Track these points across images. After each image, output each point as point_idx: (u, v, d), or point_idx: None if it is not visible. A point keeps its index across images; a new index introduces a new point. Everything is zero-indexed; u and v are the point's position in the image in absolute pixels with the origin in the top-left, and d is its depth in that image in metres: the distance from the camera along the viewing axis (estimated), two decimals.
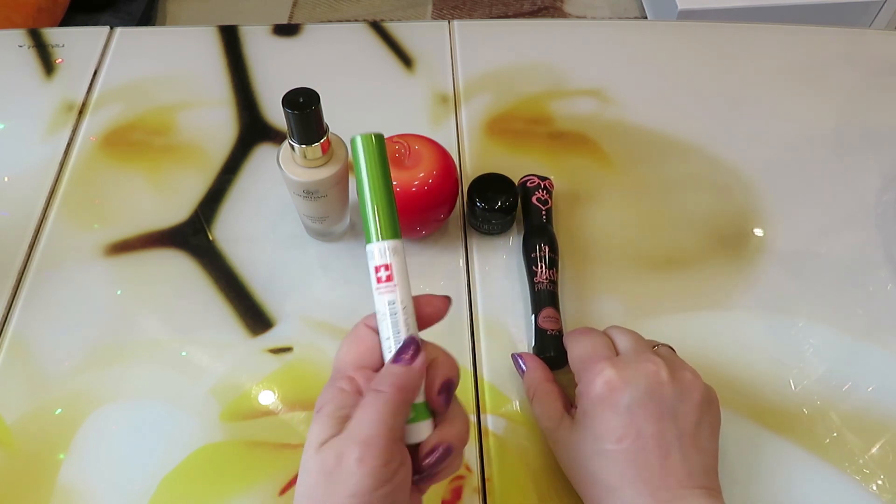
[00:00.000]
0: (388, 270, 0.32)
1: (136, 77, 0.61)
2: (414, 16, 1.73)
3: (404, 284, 0.32)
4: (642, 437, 0.34)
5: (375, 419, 0.29)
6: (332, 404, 0.30)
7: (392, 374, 0.31)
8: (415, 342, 0.32)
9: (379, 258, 0.32)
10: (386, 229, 0.32)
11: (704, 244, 0.51)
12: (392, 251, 0.32)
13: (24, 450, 0.42)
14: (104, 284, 0.49)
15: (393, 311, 0.32)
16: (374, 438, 0.28)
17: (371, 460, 0.28)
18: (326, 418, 0.30)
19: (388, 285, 0.32)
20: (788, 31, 0.65)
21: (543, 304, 0.45)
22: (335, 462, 0.28)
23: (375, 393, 0.30)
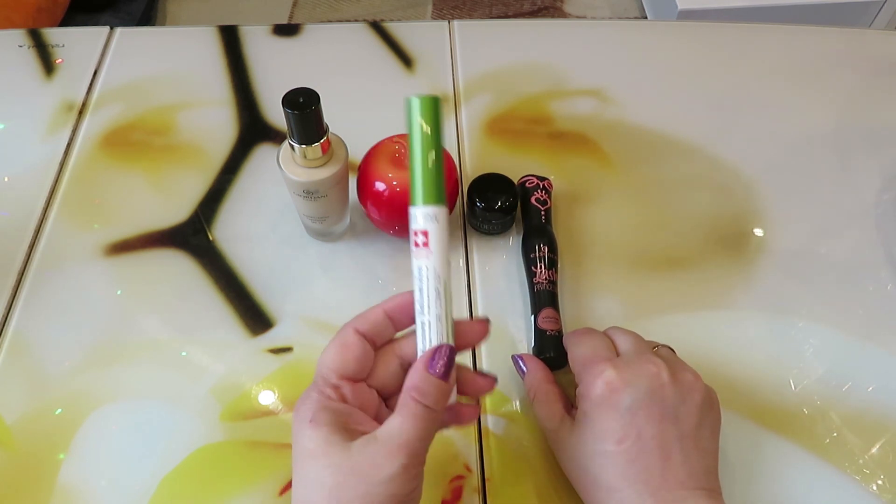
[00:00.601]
0: (426, 237, 0.32)
1: (136, 77, 0.61)
2: (414, 16, 1.73)
3: (441, 254, 0.32)
4: (643, 439, 0.34)
5: (420, 430, 0.30)
6: (327, 413, 0.31)
7: (440, 390, 0.31)
8: (453, 356, 0.32)
9: (419, 222, 0.32)
10: (430, 194, 0.32)
11: (704, 244, 0.51)
12: (433, 217, 0.32)
13: (24, 450, 0.42)
14: (104, 284, 0.49)
15: (425, 277, 0.32)
16: (417, 447, 0.30)
17: (413, 467, 0.30)
18: (327, 427, 0.30)
19: (424, 251, 0.32)
20: (788, 31, 0.65)
21: (543, 304, 0.45)
22: (373, 466, 0.29)
23: (424, 408, 0.30)
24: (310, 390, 0.32)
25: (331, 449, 0.30)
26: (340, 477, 0.29)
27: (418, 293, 0.32)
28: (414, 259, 0.32)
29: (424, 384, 0.31)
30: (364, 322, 0.33)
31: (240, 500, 0.40)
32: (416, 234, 0.32)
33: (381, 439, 0.30)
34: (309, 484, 0.30)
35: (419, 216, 0.32)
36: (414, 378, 0.31)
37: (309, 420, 0.30)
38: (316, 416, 0.30)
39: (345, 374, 0.32)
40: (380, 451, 0.29)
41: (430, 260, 0.32)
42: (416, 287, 0.32)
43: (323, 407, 0.31)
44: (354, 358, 0.32)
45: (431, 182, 0.32)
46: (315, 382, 0.32)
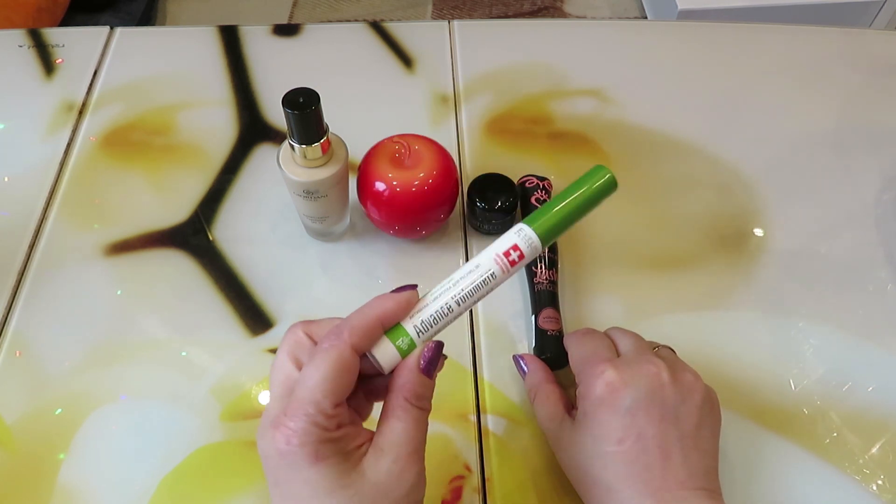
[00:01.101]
0: (519, 261, 0.32)
1: (136, 77, 0.61)
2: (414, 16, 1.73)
3: (504, 281, 0.32)
4: (643, 439, 0.34)
5: (422, 432, 0.30)
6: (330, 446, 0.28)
7: (432, 389, 0.31)
8: (440, 353, 0.32)
9: (524, 245, 0.32)
10: (549, 232, 0.33)
11: (704, 244, 0.51)
12: (534, 249, 0.33)
13: (24, 450, 0.42)
14: (104, 284, 0.49)
15: (481, 282, 0.32)
16: (423, 449, 0.30)
17: (424, 470, 0.30)
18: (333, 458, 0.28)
19: (506, 265, 0.32)
20: (788, 31, 0.65)
21: (543, 304, 0.45)
22: (396, 481, 0.29)
23: (420, 410, 0.30)
24: (297, 420, 0.28)
25: (347, 479, 0.28)
26: (367, 502, 0.28)
27: (457, 289, 0.32)
28: (492, 262, 0.32)
29: (420, 387, 0.30)
30: (363, 337, 0.30)
31: (240, 500, 0.40)
32: (514, 248, 0.32)
33: (390, 451, 0.29)
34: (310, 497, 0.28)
35: (530, 240, 0.32)
36: (405, 380, 0.30)
37: (314, 457, 0.28)
38: (319, 450, 0.28)
39: (342, 402, 0.29)
40: (396, 465, 0.29)
41: (502, 277, 0.32)
42: (462, 280, 0.32)
43: (324, 440, 0.28)
44: (351, 384, 0.29)
45: (557, 226, 0.33)
46: (304, 410, 0.28)
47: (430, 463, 0.41)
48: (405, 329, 0.31)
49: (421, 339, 0.31)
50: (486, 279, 0.32)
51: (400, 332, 0.31)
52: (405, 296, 0.31)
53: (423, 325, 0.31)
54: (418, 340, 0.31)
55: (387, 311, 0.31)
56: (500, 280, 0.32)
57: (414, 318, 0.31)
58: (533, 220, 0.33)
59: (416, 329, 0.31)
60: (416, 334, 0.31)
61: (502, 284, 0.33)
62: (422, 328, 0.31)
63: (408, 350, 0.31)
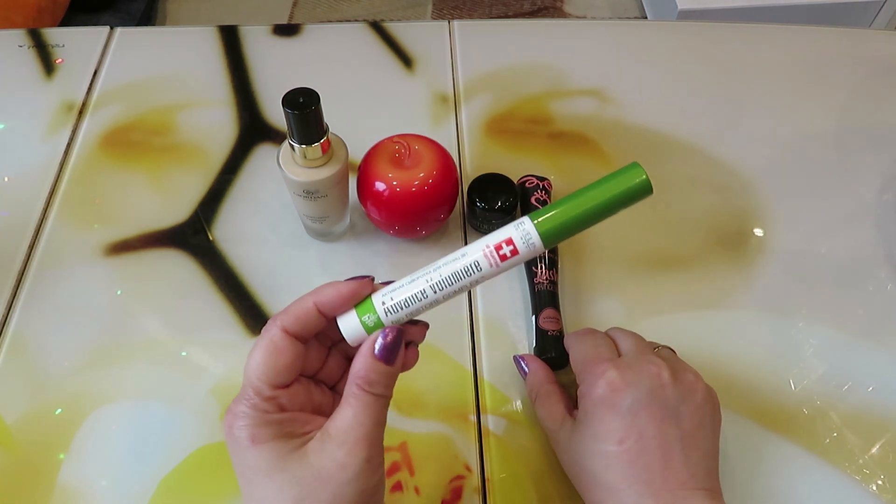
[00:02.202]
0: (512, 255, 0.29)
1: (136, 77, 0.61)
2: (414, 16, 1.73)
3: (495, 274, 0.30)
4: (644, 439, 0.34)
5: (373, 418, 0.29)
6: (269, 428, 0.28)
7: (388, 375, 0.30)
8: (399, 339, 0.30)
9: (519, 237, 0.29)
10: (553, 232, 0.29)
11: (704, 244, 0.51)
12: (531, 244, 0.29)
13: (24, 450, 0.42)
14: (104, 284, 0.49)
15: (466, 273, 0.29)
16: (374, 436, 0.29)
17: (375, 458, 0.29)
18: (273, 441, 0.28)
19: (497, 259, 0.29)
20: (788, 31, 0.65)
21: (544, 304, 0.45)
22: (339, 468, 0.28)
23: (373, 397, 0.29)
24: (241, 404, 0.29)
25: (285, 462, 0.28)
26: (303, 487, 0.28)
27: (437, 275, 0.30)
28: (480, 253, 0.29)
29: (372, 373, 0.29)
30: (294, 321, 0.30)
31: (239, 500, 0.40)
32: (508, 243, 0.29)
33: (337, 436, 0.28)
34: (269, 501, 0.28)
35: (528, 236, 0.29)
36: (360, 366, 0.30)
37: (250, 439, 0.28)
38: (256, 434, 0.28)
39: (278, 384, 0.29)
40: (340, 450, 0.28)
41: (489, 271, 0.29)
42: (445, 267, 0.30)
43: (262, 423, 0.28)
44: (287, 365, 0.29)
45: (565, 227, 0.29)
46: (245, 395, 0.29)
47: (429, 463, 0.41)
48: (374, 306, 0.30)
49: (389, 318, 0.30)
50: (468, 269, 0.30)
51: (368, 308, 0.30)
52: (350, 285, 0.30)
53: (393, 305, 0.30)
54: (386, 320, 0.30)
55: (323, 297, 0.30)
56: (486, 274, 0.30)
57: (385, 297, 0.30)
58: (539, 216, 0.30)
59: (384, 308, 0.30)
60: (383, 313, 0.30)
61: (500, 282, 0.32)
62: (391, 308, 0.30)
63: (374, 328, 0.30)
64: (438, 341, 0.46)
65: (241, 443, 0.28)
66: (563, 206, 0.29)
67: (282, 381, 0.30)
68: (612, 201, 0.29)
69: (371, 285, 0.31)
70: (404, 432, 0.42)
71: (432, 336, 0.34)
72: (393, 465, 0.41)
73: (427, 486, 0.41)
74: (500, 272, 0.30)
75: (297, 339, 0.30)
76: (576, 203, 0.29)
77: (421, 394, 0.44)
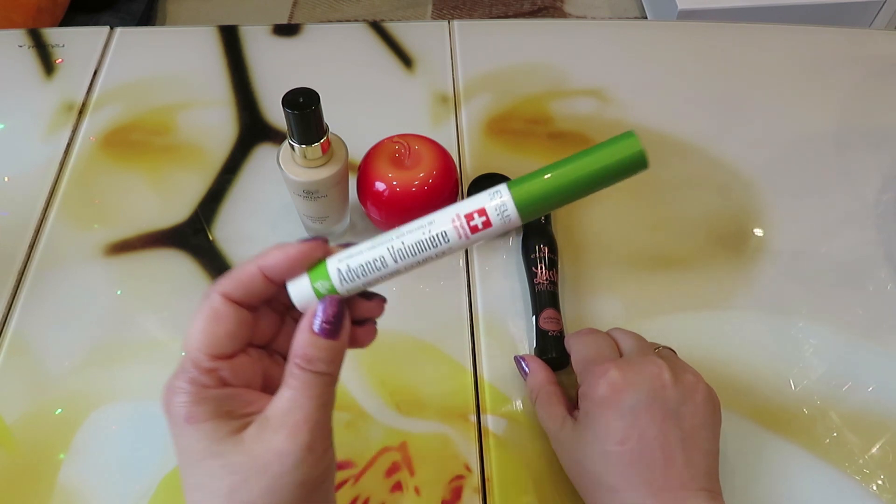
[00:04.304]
0: (484, 226, 0.26)
1: (136, 77, 0.61)
2: (414, 16, 1.73)
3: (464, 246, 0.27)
4: (645, 439, 0.34)
5: (316, 399, 0.26)
6: (206, 405, 0.26)
7: (331, 351, 0.27)
8: (342, 310, 0.27)
9: (493, 206, 0.26)
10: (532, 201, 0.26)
11: (704, 244, 0.51)
12: (504, 216, 0.26)
13: (24, 450, 0.42)
14: (104, 284, 0.49)
15: (432, 243, 0.26)
16: (318, 418, 0.26)
17: (320, 443, 0.26)
18: (209, 422, 0.25)
19: (466, 230, 0.26)
20: (789, 31, 0.65)
21: (544, 305, 0.45)
22: (276, 456, 0.25)
23: (314, 374, 0.26)
24: (179, 378, 0.26)
25: (220, 446, 0.25)
26: (236, 477, 0.25)
27: (399, 242, 0.27)
28: (448, 222, 0.26)
29: (311, 348, 0.26)
30: (236, 285, 0.27)
31: None
32: (481, 213, 0.26)
33: (274, 421, 0.25)
34: (204, 490, 0.26)
35: (504, 209, 0.26)
36: (298, 342, 0.27)
37: (185, 417, 0.26)
38: (192, 412, 0.26)
39: (219, 354, 0.27)
40: (277, 436, 0.25)
41: (457, 242, 0.26)
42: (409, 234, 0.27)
43: (198, 399, 0.26)
44: (228, 333, 0.27)
45: (547, 199, 0.26)
46: (184, 368, 0.26)
47: (430, 463, 0.41)
48: (328, 271, 0.27)
49: (344, 286, 0.27)
50: (434, 240, 0.26)
51: (321, 274, 0.27)
52: (299, 247, 0.27)
53: (349, 272, 0.27)
54: (340, 287, 0.27)
55: (269, 260, 0.27)
56: (454, 246, 0.27)
57: (341, 262, 0.27)
58: (517, 184, 0.26)
59: (339, 274, 0.27)
60: (338, 281, 0.27)
61: (501, 282, 0.31)
62: (346, 276, 0.27)
63: (326, 294, 0.27)
64: (438, 341, 0.46)
65: (177, 421, 0.26)
66: (547, 174, 0.26)
67: (223, 351, 0.27)
68: (601, 173, 0.26)
69: (324, 248, 0.28)
70: (404, 432, 0.42)
71: (432, 336, 0.34)
72: (393, 465, 0.41)
73: (427, 486, 0.41)
74: (469, 245, 0.27)
75: (241, 306, 0.27)
76: (561, 172, 0.26)
77: (421, 394, 0.44)
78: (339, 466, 0.41)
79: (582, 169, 0.26)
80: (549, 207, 0.27)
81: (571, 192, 0.26)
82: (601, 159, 0.26)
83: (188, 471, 0.26)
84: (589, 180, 0.26)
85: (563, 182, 0.26)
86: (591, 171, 0.26)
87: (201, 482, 0.26)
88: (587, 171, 0.26)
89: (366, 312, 0.29)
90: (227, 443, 0.25)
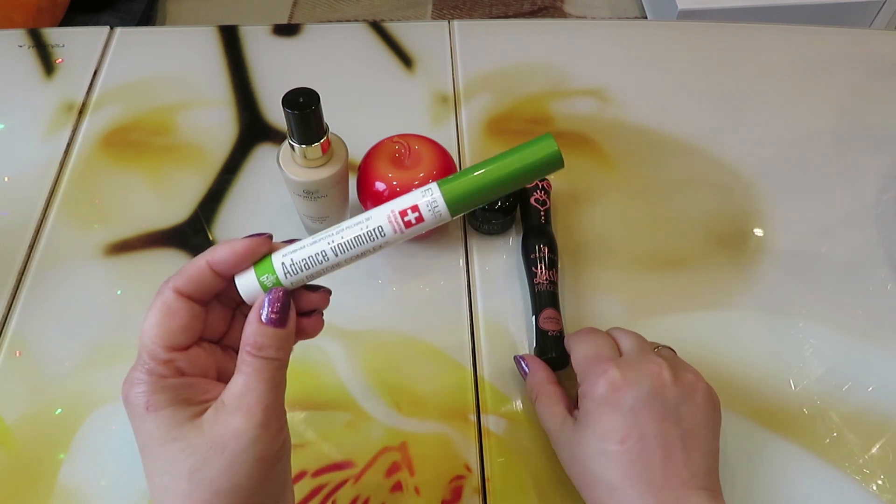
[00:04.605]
0: (416, 222, 0.29)
1: (136, 77, 0.61)
2: (414, 16, 1.73)
3: (393, 240, 0.29)
4: (645, 438, 0.34)
5: (267, 382, 0.28)
6: (164, 395, 0.27)
7: (278, 338, 0.28)
8: (287, 301, 0.29)
9: (424, 203, 0.28)
10: (460, 196, 0.28)
11: (704, 244, 0.51)
12: (435, 212, 0.28)
13: (24, 450, 0.42)
14: (104, 284, 0.49)
15: (368, 237, 0.28)
16: (270, 400, 0.28)
17: (273, 422, 0.28)
18: (168, 409, 0.27)
19: (400, 225, 0.29)
20: (789, 31, 0.65)
21: (544, 304, 0.45)
22: (233, 435, 0.27)
23: (264, 360, 0.28)
24: (137, 370, 0.28)
25: (180, 431, 0.27)
26: (198, 457, 0.26)
27: (339, 237, 0.29)
28: (384, 218, 0.29)
29: (260, 336, 0.28)
30: (186, 281, 0.29)
31: None
32: (414, 209, 0.28)
33: (230, 404, 0.27)
34: (166, 472, 0.27)
35: (434, 205, 0.28)
36: (248, 331, 0.28)
37: (145, 406, 0.27)
38: (151, 401, 0.27)
39: (174, 346, 0.28)
40: (233, 417, 0.27)
41: (393, 237, 0.29)
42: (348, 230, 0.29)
43: (157, 389, 0.27)
44: (180, 327, 0.28)
45: (473, 195, 0.29)
46: (140, 360, 0.28)
47: (430, 463, 0.41)
48: (273, 265, 0.29)
49: (288, 279, 0.29)
50: (371, 234, 0.29)
51: (266, 268, 0.29)
52: (245, 243, 0.29)
53: (292, 265, 0.29)
54: (285, 280, 0.29)
55: (216, 256, 0.29)
56: (390, 239, 0.29)
57: (286, 257, 0.29)
58: (446, 182, 0.29)
59: (283, 267, 0.29)
60: (283, 274, 0.29)
61: (501, 282, 0.32)
62: (290, 269, 0.29)
63: (272, 287, 0.29)
64: (438, 341, 0.46)
65: (138, 410, 0.27)
66: (472, 173, 0.29)
67: (178, 343, 0.28)
68: (521, 172, 0.29)
69: (268, 244, 0.30)
70: (404, 432, 0.42)
71: (432, 336, 0.34)
72: (393, 465, 0.41)
73: (427, 486, 0.41)
74: (404, 238, 0.29)
75: (193, 301, 0.29)
76: (485, 172, 0.29)
77: (421, 394, 0.44)
78: (339, 466, 0.41)
79: (504, 168, 0.29)
80: (475, 203, 0.29)
81: (495, 188, 0.29)
82: (521, 159, 0.29)
83: (150, 457, 0.27)
84: (510, 178, 0.29)
85: (487, 180, 0.29)
86: (512, 170, 0.29)
87: (163, 466, 0.27)
88: (509, 170, 0.29)
89: (311, 304, 0.31)
90: (186, 427, 0.27)
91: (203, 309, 0.30)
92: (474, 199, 0.29)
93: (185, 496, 0.26)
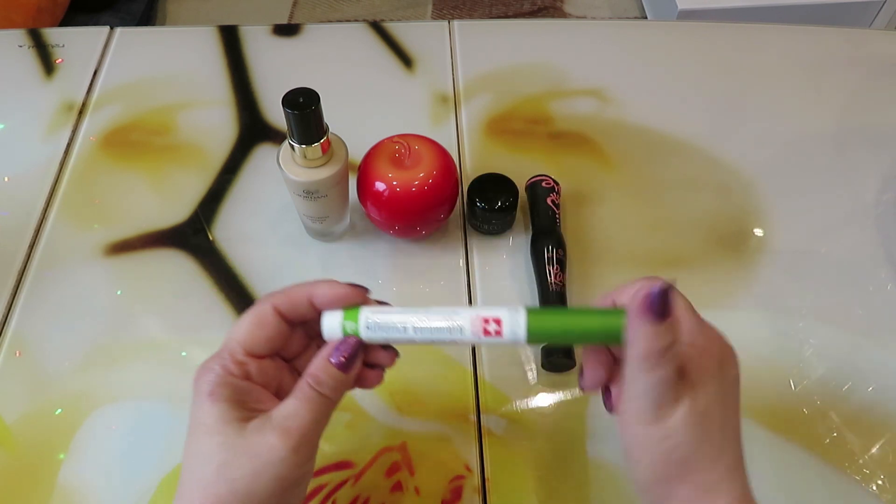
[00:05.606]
0: (497, 335, 0.30)
1: (136, 77, 0.61)
2: (414, 16, 1.73)
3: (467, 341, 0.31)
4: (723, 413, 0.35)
5: (313, 414, 0.30)
6: (227, 389, 0.30)
7: (338, 380, 0.31)
8: (357, 351, 0.31)
9: (508, 325, 0.30)
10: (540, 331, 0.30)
11: (705, 244, 0.51)
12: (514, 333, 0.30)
13: (24, 450, 0.42)
14: (104, 284, 0.49)
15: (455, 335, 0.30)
16: (309, 430, 0.30)
17: (303, 451, 0.29)
18: (225, 403, 0.29)
19: (482, 334, 0.30)
20: (788, 31, 0.65)
21: (553, 305, 0.45)
22: (266, 449, 0.29)
23: (319, 394, 0.30)
24: (213, 361, 0.31)
25: (226, 427, 0.29)
26: (231, 455, 0.29)
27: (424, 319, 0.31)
28: (468, 320, 0.31)
29: (322, 373, 0.31)
30: (287, 303, 0.32)
31: None
32: (497, 322, 0.30)
33: (275, 421, 0.29)
34: (199, 457, 0.29)
35: (517, 328, 0.30)
36: (315, 364, 0.31)
37: (208, 393, 0.30)
38: (215, 389, 0.30)
39: (253, 352, 0.31)
40: (273, 433, 0.29)
41: (469, 339, 0.31)
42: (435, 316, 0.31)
43: (223, 382, 0.30)
44: (267, 338, 0.31)
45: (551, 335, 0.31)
46: (220, 354, 0.31)
47: (430, 463, 0.41)
48: (358, 316, 0.31)
49: (366, 333, 0.31)
50: (451, 329, 0.31)
51: (353, 316, 0.31)
52: (346, 289, 0.32)
53: (374, 323, 0.31)
54: (363, 333, 0.31)
55: (319, 291, 0.32)
56: (465, 340, 0.31)
57: (373, 315, 0.31)
58: (537, 313, 0.31)
59: (367, 323, 0.31)
60: (364, 327, 0.31)
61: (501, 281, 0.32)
62: (373, 325, 0.31)
63: (349, 334, 0.32)
64: None
65: (201, 395, 0.30)
66: (560, 316, 0.31)
67: (257, 351, 0.31)
68: (591, 334, 0.30)
69: (363, 296, 0.32)
70: (404, 432, 0.42)
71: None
72: (393, 465, 0.41)
73: (427, 486, 0.41)
74: (477, 344, 0.31)
75: (284, 320, 0.32)
76: (570, 319, 0.31)
77: (421, 394, 0.44)
78: (339, 466, 0.41)
79: (583, 327, 0.30)
80: (547, 339, 0.31)
81: (567, 338, 0.31)
82: (597, 326, 0.30)
83: (194, 439, 0.30)
84: (582, 336, 0.31)
85: (566, 329, 0.30)
86: (586, 332, 0.30)
87: (200, 450, 0.29)
88: (584, 330, 0.30)
89: (379, 359, 0.34)
90: (232, 425, 0.29)
91: (289, 329, 0.32)
92: (551, 337, 0.30)
93: (207, 484, 0.29)
